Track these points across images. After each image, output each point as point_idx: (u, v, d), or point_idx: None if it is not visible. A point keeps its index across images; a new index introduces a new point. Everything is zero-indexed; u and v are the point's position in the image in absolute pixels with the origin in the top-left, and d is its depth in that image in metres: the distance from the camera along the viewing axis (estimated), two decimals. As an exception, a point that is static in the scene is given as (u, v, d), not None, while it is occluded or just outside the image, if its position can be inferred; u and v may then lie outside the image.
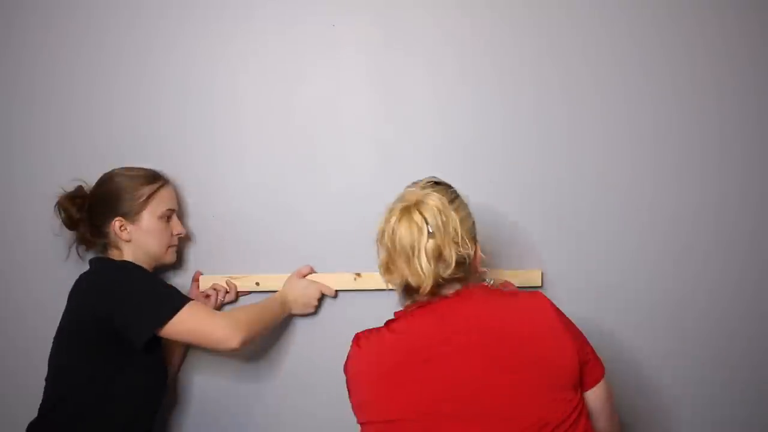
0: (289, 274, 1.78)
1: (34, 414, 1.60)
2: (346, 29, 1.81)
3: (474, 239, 1.36)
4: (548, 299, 1.33)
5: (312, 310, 1.78)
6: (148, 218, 1.65)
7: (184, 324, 1.55)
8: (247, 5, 1.82)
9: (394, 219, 1.31)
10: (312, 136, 1.82)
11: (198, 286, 1.79)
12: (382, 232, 1.32)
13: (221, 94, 1.83)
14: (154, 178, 1.68)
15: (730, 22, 1.78)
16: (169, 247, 1.70)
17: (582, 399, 1.30)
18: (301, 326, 1.82)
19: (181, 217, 1.78)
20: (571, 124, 1.80)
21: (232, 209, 1.82)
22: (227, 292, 1.79)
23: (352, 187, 1.81)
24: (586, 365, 1.31)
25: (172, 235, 1.70)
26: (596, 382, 1.33)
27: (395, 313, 1.37)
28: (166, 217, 1.69)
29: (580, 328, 1.35)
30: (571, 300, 1.70)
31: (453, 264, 1.29)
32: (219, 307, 1.78)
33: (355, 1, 1.81)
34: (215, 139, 1.83)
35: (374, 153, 1.81)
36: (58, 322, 1.62)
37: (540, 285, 1.77)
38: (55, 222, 1.73)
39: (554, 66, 1.80)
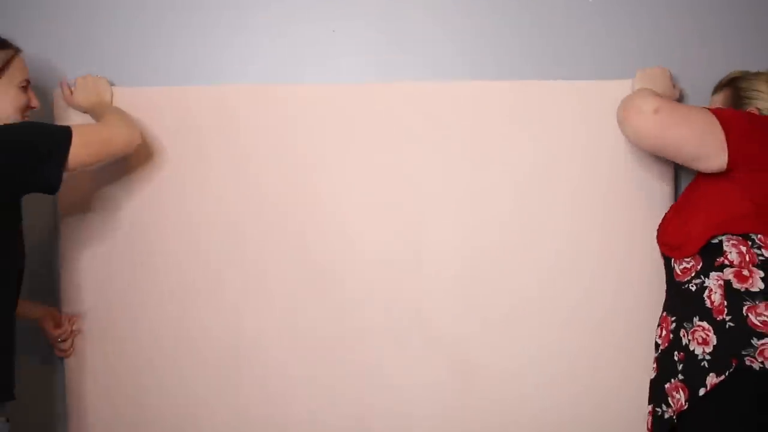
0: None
1: None
2: (346, 33, 1.86)
3: None
4: None
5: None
6: (7, 84, 1.59)
7: (85, 144, 1.51)
8: (246, 11, 1.86)
9: None
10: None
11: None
12: None
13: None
14: (5, 44, 1.60)
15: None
16: (24, 116, 1.63)
17: None
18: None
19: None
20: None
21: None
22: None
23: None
24: None
25: (29, 106, 1.64)
26: None
27: None
28: (23, 87, 1.62)
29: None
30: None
31: None
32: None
33: (355, 6, 1.85)
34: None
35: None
36: None
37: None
38: None
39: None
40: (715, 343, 1.43)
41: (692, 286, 1.52)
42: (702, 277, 1.50)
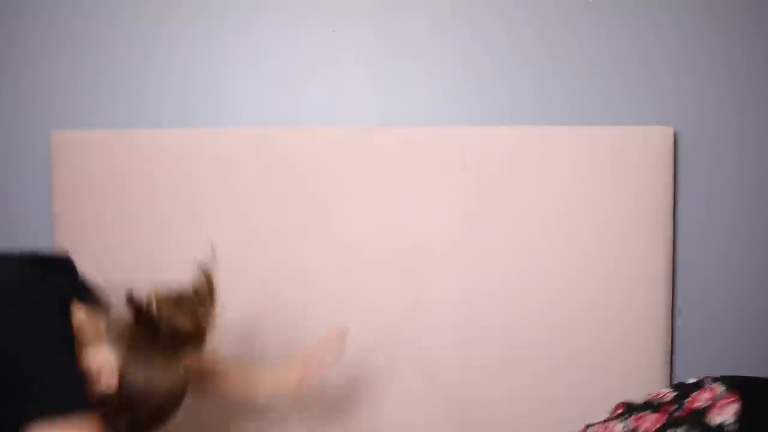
0: None
1: None
2: (347, 34, 1.82)
3: None
4: None
5: None
6: None
7: None
8: (247, 10, 1.82)
9: None
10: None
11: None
12: None
13: (222, 100, 1.84)
14: None
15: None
16: None
17: None
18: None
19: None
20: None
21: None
22: None
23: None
24: None
25: None
26: None
27: None
28: None
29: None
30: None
31: None
32: None
33: (355, 6, 1.81)
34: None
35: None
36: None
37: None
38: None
39: (555, 68, 1.80)
40: None
41: None
42: None
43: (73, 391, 1.12)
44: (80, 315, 1.22)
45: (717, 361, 1.80)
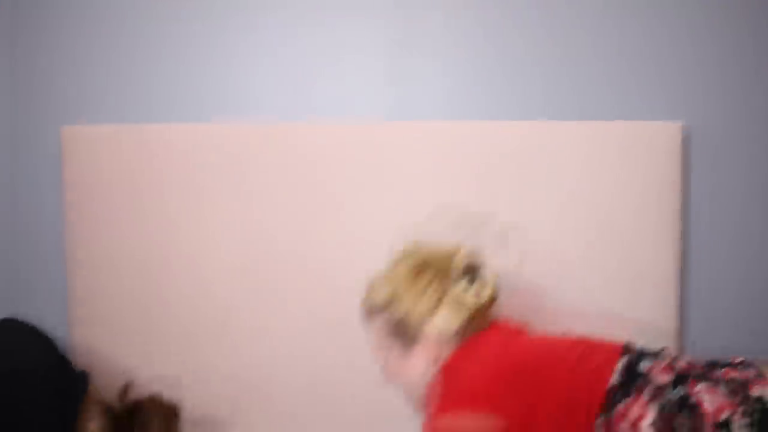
0: None
1: None
2: (360, 29, 1.83)
3: None
4: None
5: None
6: None
7: None
8: (258, 5, 1.83)
9: None
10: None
11: None
12: None
13: (233, 95, 1.85)
14: None
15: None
16: None
17: None
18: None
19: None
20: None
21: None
22: None
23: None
24: None
25: None
26: None
27: None
28: None
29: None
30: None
31: None
32: None
33: (370, 3, 1.82)
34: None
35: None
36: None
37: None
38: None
39: (564, 63, 1.80)
40: None
41: None
42: None
43: None
44: None
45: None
